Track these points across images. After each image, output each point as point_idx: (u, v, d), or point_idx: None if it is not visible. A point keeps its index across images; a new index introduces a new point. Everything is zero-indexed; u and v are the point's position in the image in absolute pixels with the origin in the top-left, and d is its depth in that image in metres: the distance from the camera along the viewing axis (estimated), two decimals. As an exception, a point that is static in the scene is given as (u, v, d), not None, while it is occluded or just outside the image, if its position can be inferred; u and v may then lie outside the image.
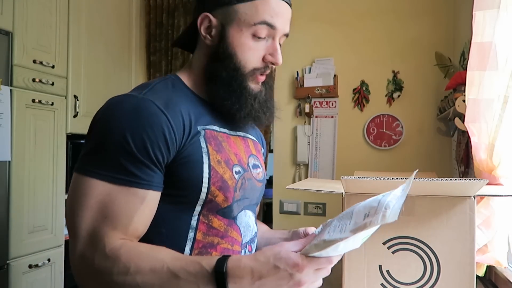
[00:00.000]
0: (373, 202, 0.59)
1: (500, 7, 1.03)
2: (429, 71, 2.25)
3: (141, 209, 0.65)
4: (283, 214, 2.52)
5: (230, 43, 0.75)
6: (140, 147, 0.64)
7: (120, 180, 0.64)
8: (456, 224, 0.87)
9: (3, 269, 1.60)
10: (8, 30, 1.62)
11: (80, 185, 0.65)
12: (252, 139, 0.91)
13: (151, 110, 0.67)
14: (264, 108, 0.82)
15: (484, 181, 0.79)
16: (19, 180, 1.67)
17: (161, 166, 0.68)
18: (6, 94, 1.60)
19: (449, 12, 2.23)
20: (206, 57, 0.80)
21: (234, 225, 0.77)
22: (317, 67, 2.45)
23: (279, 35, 0.78)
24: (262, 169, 0.89)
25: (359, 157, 2.38)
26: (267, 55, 0.78)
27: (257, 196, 0.85)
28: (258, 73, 0.78)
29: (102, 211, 0.63)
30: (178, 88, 0.78)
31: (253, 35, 0.75)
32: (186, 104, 0.74)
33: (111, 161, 0.64)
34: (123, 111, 0.67)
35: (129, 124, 0.65)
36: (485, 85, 1.08)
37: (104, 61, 2.21)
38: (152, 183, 0.66)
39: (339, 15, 2.43)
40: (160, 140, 0.66)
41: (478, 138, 1.13)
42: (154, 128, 0.66)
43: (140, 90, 0.72)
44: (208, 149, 0.73)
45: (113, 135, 0.65)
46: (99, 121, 0.69)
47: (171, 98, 0.72)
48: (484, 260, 1.11)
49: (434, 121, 2.26)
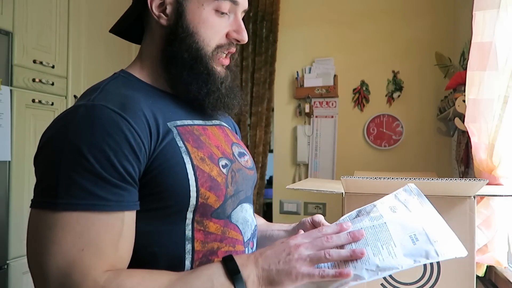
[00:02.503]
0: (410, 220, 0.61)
1: (500, 7, 1.03)
2: (429, 71, 2.25)
3: (122, 234, 0.56)
4: (283, 214, 2.52)
5: (191, 20, 0.67)
6: (103, 162, 0.54)
7: (89, 206, 0.54)
8: (456, 224, 0.87)
9: (3, 269, 1.60)
10: (8, 30, 1.62)
11: (41, 221, 0.54)
12: (227, 127, 0.83)
13: (105, 116, 0.57)
14: (231, 95, 0.75)
15: (484, 181, 0.79)
16: (19, 180, 1.67)
17: (133, 180, 0.58)
18: (6, 94, 1.60)
19: (449, 12, 2.23)
20: (162, 40, 0.70)
21: (230, 224, 0.69)
22: (317, 67, 2.45)
23: (240, 11, 0.72)
24: (249, 155, 0.82)
25: (359, 157, 2.38)
26: (231, 31, 0.71)
27: (251, 186, 0.79)
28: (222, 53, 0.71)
29: (76, 243, 0.53)
30: (132, 84, 0.69)
31: (215, 10, 0.68)
32: (146, 101, 0.64)
33: (72, 186, 0.54)
34: (73, 125, 0.56)
35: (83, 139, 0.55)
36: (485, 85, 1.08)
37: (104, 61, 2.21)
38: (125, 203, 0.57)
39: (339, 15, 2.43)
40: (125, 149, 0.56)
41: (478, 138, 1.13)
42: (115, 135, 0.56)
43: (88, 96, 0.62)
44: (187, 148, 0.64)
45: (68, 156, 0.55)
46: (48, 142, 0.58)
47: (126, 97, 0.62)
48: (484, 260, 1.11)
49: (434, 121, 2.26)
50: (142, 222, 0.61)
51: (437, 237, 0.58)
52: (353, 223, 0.64)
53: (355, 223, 0.65)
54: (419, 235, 0.59)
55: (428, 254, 0.57)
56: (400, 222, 0.61)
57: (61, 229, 0.53)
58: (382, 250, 0.58)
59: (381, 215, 0.64)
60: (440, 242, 0.58)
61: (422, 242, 0.58)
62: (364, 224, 0.63)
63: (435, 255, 0.56)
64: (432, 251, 0.57)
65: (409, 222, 0.61)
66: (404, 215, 0.63)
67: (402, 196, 0.69)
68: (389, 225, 0.61)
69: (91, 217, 0.54)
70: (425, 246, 0.58)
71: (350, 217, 0.68)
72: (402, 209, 0.65)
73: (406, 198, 0.68)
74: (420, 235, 0.59)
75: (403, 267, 0.56)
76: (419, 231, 0.59)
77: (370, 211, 0.67)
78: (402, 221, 0.61)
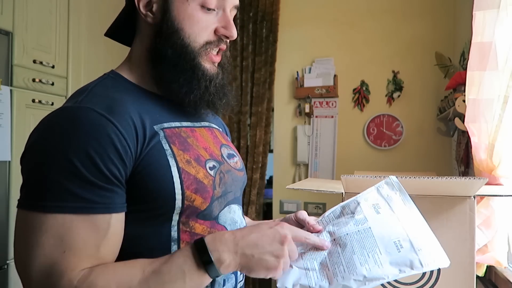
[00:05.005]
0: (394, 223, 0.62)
1: (500, 7, 1.03)
2: (429, 71, 2.25)
3: (107, 236, 0.56)
4: (283, 214, 2.51)
5: (176, 17, 0.67)
6: (89, 166, 0.54)
7: (74, 209, 0.54)
8: (456, 224, 0.87)
9: (3, 269, 1.60)
10: (8, 30, 1.62)
11: (27, 223, 0.55)
12: (217, 129, 0.82)
13: (91, 119, 0.56)
14: (220, 94, 0.72)
15: (484, 180, 0.79)
16: (19, 180, 1.66)
17: (120, 182, 0.58)
18: (6, 94, 1.60)
19: (449, 12, 2.23)
20: (149, 39, 0.69)
21: (217, 225, 0.69)
22: (317, 67, 2.45)
23: (229, 7, 0.70)
24: (239, 157, 0.81)
25: (359, 157, 2.38)
26: (219, 28, 0.69)
27: (240, 187, 0.78)
28: (212, 49, 0.70)
29: (58, 245, 0.53)
30: (120, 86, 0.68)
31: (201, 6, 0.67)
32: (134, 103, 0.64)
33: (58, 189, 0.54)
34: (59, 128, 0.57)
35: (69, 142, 0.55)
36: (485, 85, 1.08)
37: (104, 61, 2.21)
38: (112, 205, 0.57)
39: (339, 15, 2.44)
40: (110, 152, 0.56)
41: (478, 138, 1.13)
42: (100, 139, 0.56)
43: (75, 99, 0.62)
44: (173, 150, 0.64)
45: (53, 158, 0.55)
46: (33, 145, 0.58)
47: (114, 100, 0.62)
48: (484, 260, 1.11)
49: (434, 121, 2.26)
50: (128, 223, 0.61)
51: (421, 245, 0.59)
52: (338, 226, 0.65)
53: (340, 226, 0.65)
54: (403, 242, 0.60)
55: (412, 263, 0.58)
56: (385, 225, 0.62)
57: (45, 232, 0.53)
58: (368, 258, 0.59)
59: (366, 218, 0.64)
60: (424, 251, 0.59)
61: (407, 250, 0.59)
62: (350, 228, 0.64)
63: (419, 265, 0.58)
64: (416, 261, 0.58)
65: (393, 226, 0.62)
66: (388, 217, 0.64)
67: (385, 190, 0.69)
68: (374, 230, 0.62)
69: (76, 219, 0.54)
70: (409, 255, 0.59)
71: (334, 213, 0.69)
72: (385, 209, 0.66)
73: (389, 193, 0.68)
74: (405, 242, 0.60)
75: (389, 278, 0.58)
76: (403, 237, 0.61)
77: (354, 210, 0.67)
78: (386, 225, 0.63)
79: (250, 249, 0.56)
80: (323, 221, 0.69)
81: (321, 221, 0.69)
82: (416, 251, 0.59)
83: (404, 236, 0.61)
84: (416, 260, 0.58)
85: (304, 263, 0.62)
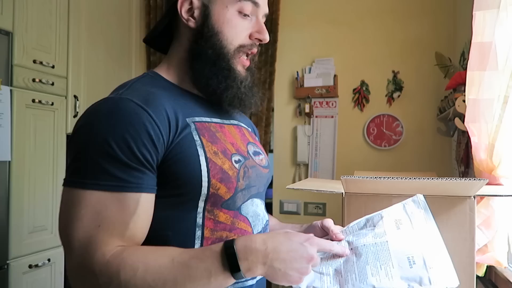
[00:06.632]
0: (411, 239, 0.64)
1: (500, 7, 1.03)
2: (429, 71, 2.25)
3: (136, 214, 0.62)
4: (283, 214, 2.51)
5: (216, 21, 0.74)
6: (124, 149, 0.61)
7: (109, 187, 0.61)
8: (456, 224, 0.87)
9: (3, 269, 1.59)
10: (8, 30, 1.62)
11: (69, 198, 0.62)
12: (246, 128, 0.88)
13: (129, 108, 0.63)
14: (249, 93, 0.79)
15: (484, 181, 0.79)
16: (19, 180, 1.67)
17: (151, 166, 0.64)
18: (6, 94, 1.60)
19: (449, 12, 2.23)
20: (189, 41, 0.77)
21: (240, 215, 0.74)
22: (317, 67, 2.45)
23: (261, 14, 0.78)
24: (265, 155, 0.87)
25: (359, 157, 2.38)
26: (253, 32, 0.77)
27: (264, 183, 0.83)
28: (244, 52, 0.77)
29: (95, 220, 0.60)
30: (158, 83, 0.75)
31: (238, 12, 0.75)
32: (169, 98, 0.71)
33: (96, 169, 0.61)
34: (101, 115, 0.64)
35: (108, 127, 0.62)
36: (485, 85, 1.08)
37: (104, 61, 2.21)
38: (143, 185, 0.63)
39: (339, 15, 2.43)
40: (144, 138, 0.62)
41: (478, 138, 1.13)
42: (136, 126, 0.62)
43: (117, 91, 0.70)
44: (202, 141, 0.70)
45: (94, 142, 0.62)
46: (79, 129, 0.66)
47: (151, 93, 0.69)
48: (484, 260, 1.11)
49: (434, 121, 2.26)
50: (158, 207, 0.66)
51: (433, 263, 0.62)
52: (357, 237, 0.69)
53: (359, 237, 0.68)
54: (416, 258, 0.62)
55: (421, 280, 0.60)
56: (402, 241, 0.65)
57: (84, 207, 0.60)
58: (380, 270, 0.62)
59: (385, 232, 0.67)
60: (434, 269, 0.61)
61: (419, 267, 0.61)
62: (368, 240, 0.67)
63: (428, 282, 0.60)
64: (425, 278, 0.60)
65: (410, 242, 0.65)
66: (407, 233, 0.66)
67: (410, 207, 0.72)
68: (390, 244, 0.65)
69: (110, 196, 0.61)
70: (420, 271, 0.61)
71: (359, 224, 0.73)
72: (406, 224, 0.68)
73: (413, 210, 0.71)
74: (418, 258, 0.62)
75: None
76: (417, 254, 0.63)
77: (377, 223, 0.70)
78: (403, 240, 0.65)
79: (278, 263, 0.59)
80: (347, 231, 0.73)
81: (345, 231, 0.73)
82: (427, 268, 0.61)
83: (418, 253, 0.63)
84: (426, 277, 0.60)
85: (320, 268, 0.66)
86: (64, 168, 1.91)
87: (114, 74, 2.30)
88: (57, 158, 1.88)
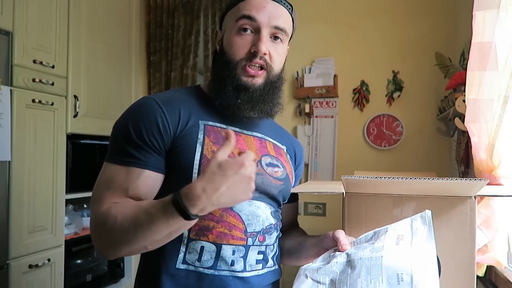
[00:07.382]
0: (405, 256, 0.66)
1: (500, 7, 1.03)
2: (429, 71, 2.25)
3: (136, 182, 0.77)
4: (283, 214, 2.51)
5: (225, 44, 0.87)
6: (137, 133, 0.78)
7: (122, 161, 0.77)
8: (457, 225, 0.87)
9: (3, 269, 1.60)
10: (8, 30, 1.62)
11: (102, 169, 0.80)
12: (271, 142, 0.94)
13: (150, 105, 0.80)
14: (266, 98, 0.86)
15: (484, 181, 0.79)
16: (19, 180, 1.67)
17: (157, 149, 0.78)
18: (6, 94, 1.60)
19: (449, 12, 2.23)
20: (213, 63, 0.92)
21: (231, 211, 0.80)
22: (317, 67, 2.45)
23: (264, 27, 0.83)
24: (284, 169, 0.91)
25: (359, 157, 2.38)
26: (252, 46, 0.83)
27: (273, 193, 0.87)
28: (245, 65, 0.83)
29: (107, 184, 0.77)
30: (192, 93, 0.89)
31: (237, 30, 0.84)
32: (190, 103, 0.85)
33: (118, 147, 0.79)
34: (130, 108, 0.82)
35: (131, 118, 0.80)
36: (485, 85, 1.08)
37: (104, 61, 2.21)
38: (148, 163, 0.78)
39: (339, 15, 2.44)
40: (153, 128, 0.78)
41: (478, 138, 1.13)
42: (150, 118, 0.79)
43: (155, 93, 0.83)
44: (204, 140, 0.81)
45: (121, 127, 0.80)
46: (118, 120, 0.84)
47: (174, 98, 0.84)
48: (484, 260, 1.11)
49: (434, 121, 2.26)
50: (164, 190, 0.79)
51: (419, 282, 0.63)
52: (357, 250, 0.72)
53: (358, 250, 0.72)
54: (405, 276, 0.64)
55: None
56: (396, 257, 0.67)
57: (105, 175, 0.79)
58: (369, 284, 0.65)
59: (382, 247, 0.69)
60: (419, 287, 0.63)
61: (405, 284, 0.63)
62: (365, 254, 0.69)
63: None
64: None
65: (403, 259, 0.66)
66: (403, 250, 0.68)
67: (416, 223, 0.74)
68: (384, 259, 0.67)
69: (120, 169, 0.77)
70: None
71: (366, 237, 0.76)
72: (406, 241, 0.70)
73: (418, 227, 0.73)
74: (406, 276, 0.64)
75: None
76: (407, 271, 0.65)
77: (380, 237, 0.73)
78: (397, 257, 0.67)
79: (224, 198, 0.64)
80: (355, 242, 0.77)
81: (353, 242, 0.77)
82: (413, 286, 0.63)
83: (408, 270, 0.64)
84: None
85: (318, 277, 0.71)
86: (64, 168, 1.93)
87: (114, 74, 2.30)
88: (57, 158, 1.88)
